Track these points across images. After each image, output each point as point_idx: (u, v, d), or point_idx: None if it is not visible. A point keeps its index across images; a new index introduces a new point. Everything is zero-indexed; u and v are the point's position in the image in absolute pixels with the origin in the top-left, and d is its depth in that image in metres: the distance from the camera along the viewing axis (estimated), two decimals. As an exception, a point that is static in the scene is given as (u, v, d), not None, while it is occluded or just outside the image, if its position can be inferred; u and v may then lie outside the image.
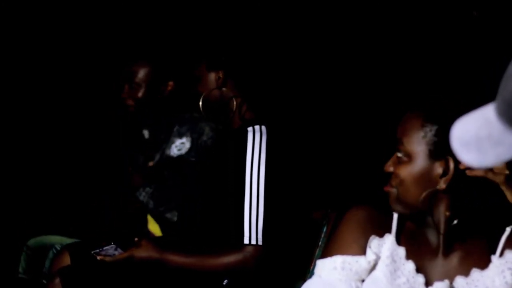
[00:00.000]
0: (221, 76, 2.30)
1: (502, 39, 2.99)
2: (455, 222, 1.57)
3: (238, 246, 2.16)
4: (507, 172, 1.53)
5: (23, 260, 2.99)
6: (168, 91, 2.80)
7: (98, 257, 2.24)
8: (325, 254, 1.66)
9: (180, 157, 2.80)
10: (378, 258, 1.60)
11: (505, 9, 2.97)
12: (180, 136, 2.81)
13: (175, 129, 2.82)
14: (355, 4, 3.36)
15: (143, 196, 2.89)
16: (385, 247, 1.60)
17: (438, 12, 3.17)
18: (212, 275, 2.20)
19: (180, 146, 2.81)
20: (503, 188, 1.55)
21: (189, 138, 2.80)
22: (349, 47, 3.38)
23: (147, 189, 2.88)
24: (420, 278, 1.56)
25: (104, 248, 2.30)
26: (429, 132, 1.55)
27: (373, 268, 1.60)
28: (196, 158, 2.78)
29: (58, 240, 2.98)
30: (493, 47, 3.01)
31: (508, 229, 1.58)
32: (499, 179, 1.54)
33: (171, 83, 2.79)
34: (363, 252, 1.61)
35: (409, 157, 1.57)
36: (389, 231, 1.63)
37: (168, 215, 2.84)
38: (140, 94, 2.75)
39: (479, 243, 1.59)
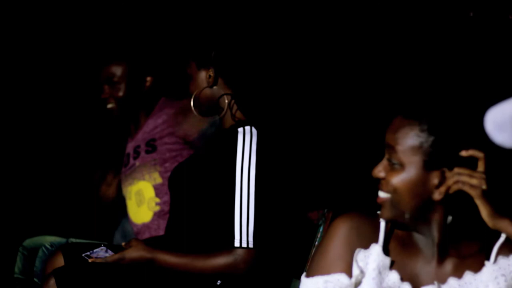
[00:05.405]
0: (211, 74, 2.28)
1: (498, 39, 2.99)
2: (449, 230, 1.57)
3: (229, 249, 2.15)
4: (484, 187, 1.52)
5: (19, 260, 2.99)
6: (147, 86, 2.85)
7: (90, 260, 2.25)
8: (308, 273, 1.64)
9: None
10: (364, 272, 1.58)
11: (501, 10, 2.97)
12: None
13: None
14: (349, 3, 3.36)
15: None
16: (372, 259, 1.58)
17: (434, 13, 3.17)
18: (202, 276, 2.19)
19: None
20: (478, 202, 1.53)
21: None
22: (344, 46, 3.38)
23: None
24: (406, 287, 1.56)
25: (94, 250, 2.30)
26: (425, 143, 1.53)
27: (359, 282, 1.58)
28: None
29: (53, 240, 2.98)
30: (490, 47, 3.01)
31: (503, 236, 1.58)
32: (475, 193, 1.52)
33: (149, 78, 2.84)
34: (348, 267, 1.59)
35: (403, 165, 1.55)
36: (376, 241, 1.61)
37: None
38: (120, 93, 2.80)
39: (473, 249, 1.60)
